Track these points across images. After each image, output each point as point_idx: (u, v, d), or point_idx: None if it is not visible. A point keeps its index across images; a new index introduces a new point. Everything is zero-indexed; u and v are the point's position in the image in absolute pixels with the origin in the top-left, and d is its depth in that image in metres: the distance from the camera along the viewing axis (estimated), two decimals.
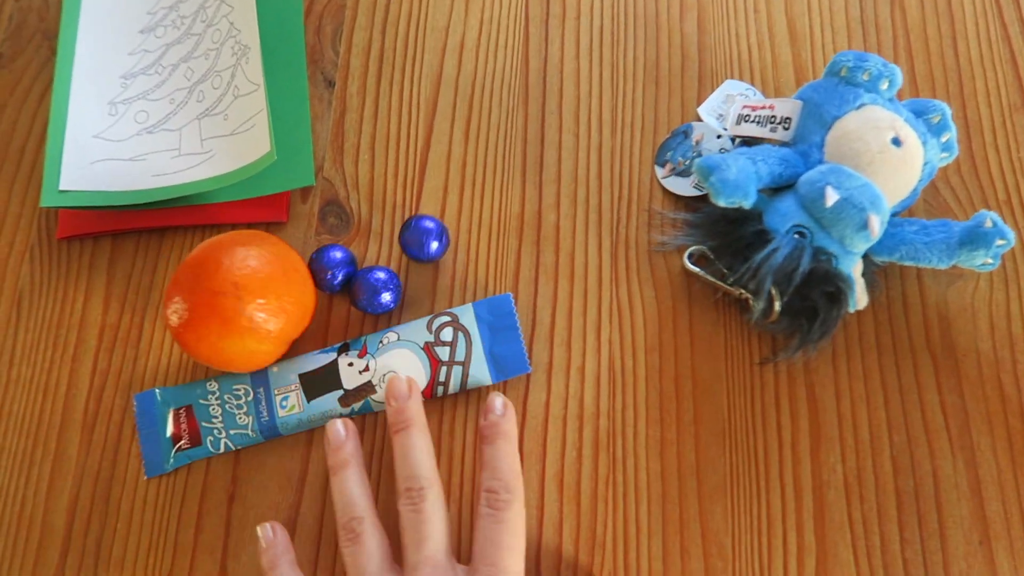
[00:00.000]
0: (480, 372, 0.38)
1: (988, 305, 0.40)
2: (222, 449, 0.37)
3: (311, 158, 0.43)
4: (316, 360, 0.38)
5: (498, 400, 0.36)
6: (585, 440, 0.38)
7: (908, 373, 0.38)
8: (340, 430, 0.36)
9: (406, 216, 0.42)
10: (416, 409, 0.36)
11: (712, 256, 0.39)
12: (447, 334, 0.38)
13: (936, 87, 0.44)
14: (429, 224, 0.39)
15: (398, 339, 0.38)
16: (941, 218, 0.40)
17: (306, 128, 0.43)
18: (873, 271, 0.38)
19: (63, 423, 0.39)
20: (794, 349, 0.37)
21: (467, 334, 0.38)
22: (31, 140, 0.45)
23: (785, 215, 0.36)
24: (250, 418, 0.37)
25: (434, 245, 0.39)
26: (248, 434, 0.37)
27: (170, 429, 0.38)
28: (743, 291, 0.37)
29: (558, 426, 0.38)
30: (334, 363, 0.38)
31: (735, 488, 0.37)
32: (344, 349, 0.38)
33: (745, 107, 0.40)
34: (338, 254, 0.39)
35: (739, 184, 0.34)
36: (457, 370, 0.38)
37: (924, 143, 0.37)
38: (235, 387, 0.38)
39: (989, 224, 0.35)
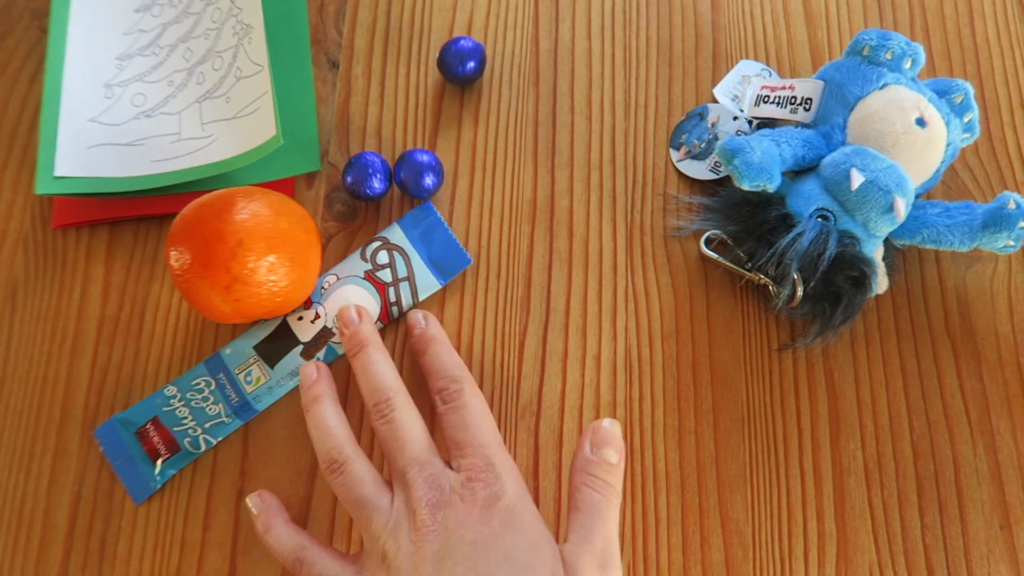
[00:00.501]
0: (426, 280, 0.39)
1: (1007, 287, 0.39)
2: (203, 447, 0.36)
3: (316, 143, 0.41)
4: (265, 327, 0.38)
5: (417, 315, 0.37)
6: None
7: (927, 358, 0.38)
8: (311, 371, 0.35)
9: (417, 202, 0.41)
10: (369, 330, 0.36)
11: (731, 241, 0.38)
12: (383, 257, 0.39)
13: (953, 67, 0.43)
14: (423, 158, 0.39)
15: (337, 279, 0.39)
16: (961, 200, 0.40)
17: (311, 111, 0.42)
18: (893, 255, 0.38)
19: (63, 418, 0.38)
20: (815, 335, 0.36)
21: (401, 251, 0.39)
22: (22, 124, 0.43)
23: (809, 198, 0.35)
24: (220, 405, 0.37)
25: (429, 180, 0.39)
26: (224, 421, 0.37)
27: (143, 448, 0.37)
28: (763, 276, 0.36)
29: (574, 416, 0.37)
30: (283, 323, 0.38)
31: (754, 476, 0.36)
32: None
33: (764, 87, 0.39)
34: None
35: (764, 167, 0.33)
36: (404, 286, 0.38)
37: (948, 123, 0.36)
38: (194, 383, 0.37)
39: (1012, 205, 0.35)
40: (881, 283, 0.37)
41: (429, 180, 0.39)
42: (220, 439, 0.37)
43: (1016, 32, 0.44)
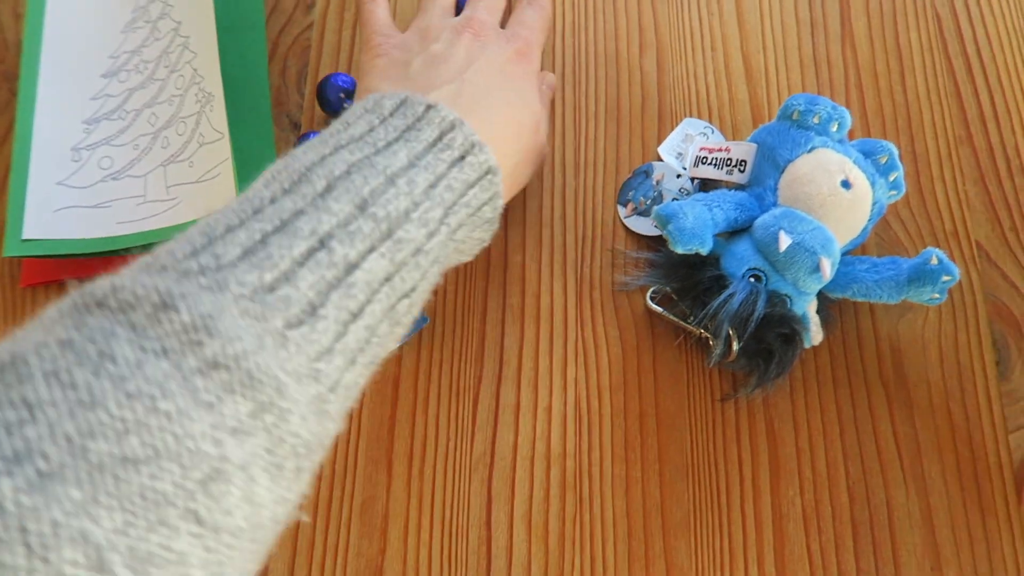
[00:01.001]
0: None
1: (938, 336, 0.41)
2: None
3: None
4: None
5: None
6: (553, 480, 0.39)
7: (863, 405, 0.40)
8: None
9: None
10: None
11: (674, 296, 0.40)
12: None
13: (886, 121, 0.45)
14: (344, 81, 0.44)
15: None
16: (890, 254, 0.42)
17: None
18: (828, 307, 0.40)
19: None
20: (752, 387, 0.38)
21: None
22: None
23: (741, 259, 0.37)
24: None
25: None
26: None
27: None
28: (703, 331, 0.38)
29: (526, 467, 0.39)
30: None
31: (698, 523, 0.38)
32: None
33: (702, 149, 0.41)
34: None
35: (695, 232, 0.35)
36: None
37: (873, 183, 0.38)
38: None
39: (935, 261, 0.37)
40: (816, 335, 0.39)
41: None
42: None
43: (944, 86, 0.46)
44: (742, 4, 0.48)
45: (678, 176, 0.43)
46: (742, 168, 0.39)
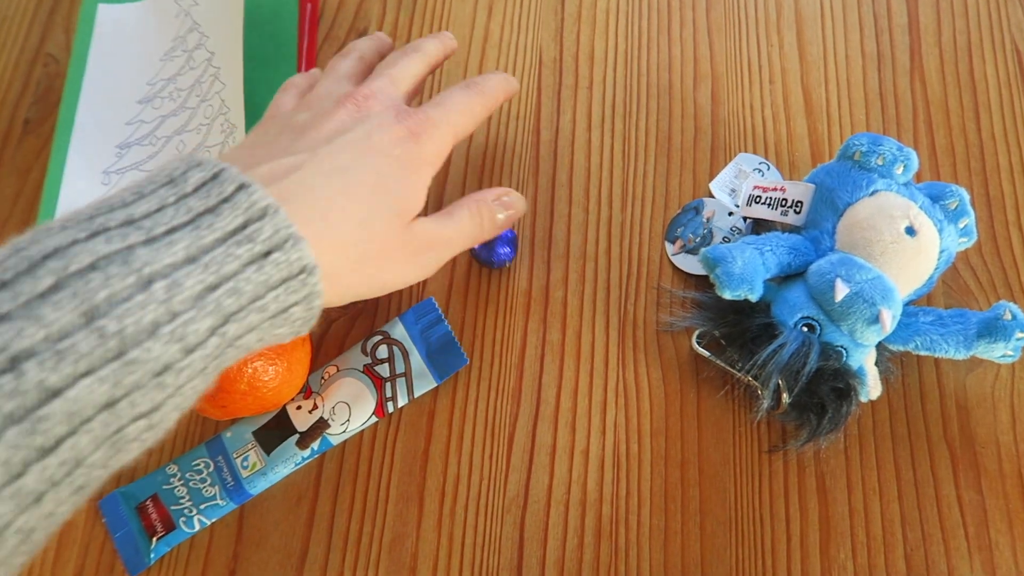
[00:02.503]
0: (423, 378, 0.40)
1: (1010, 394, 0.38)
2: (196, 527, 0.38)
3: None
4: (266, 414, 0.39)
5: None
6: (587, 527, 0.37)
7: (924, 465, 0.37)
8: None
9: (415, 290, 0.42)
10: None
11: (722, 340, 0.38)
12: (383, 352, 0.40)
13: (958, 162, 0.43)
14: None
15: (337, 371, 0.40)
16: (959, 305, 0.39)
17: None
18: (888, 358, 0.37)
19: None
20: (803, 441, 0.36)
21: (401, 347, 0.40)
22: (18, 206, 0.46)
23: (794, 306, 0.35)
24: (216, 488, 0.38)
25: (505, 249, 0.41)
26: (218, 503, 0.38)
27: (142, 523, 0.38)
28: (751, 380, 0.36)
29: (560, 511, 0.38)
30: (283, 411, 0.39)
31: None
32: None
33: (756, 187, 0.39)
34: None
35: (745, 277, 0.33)
36: (401, 382, 0.39)
37: (940, 230, 0.36)
38: (194, 463, 0.39)
39: (1008, 316, 0.34)
40: (874, 390, 0.36)
41: (504, 250, 0.40)
42: (214, 520, 0.38)
43: (1023, 125, 0.43)
44: (803, 36, 0.46)
45: (730, 214, 0.41)
46: (798, 209, 0.37)
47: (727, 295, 0.34)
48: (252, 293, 0.26)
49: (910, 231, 0.35)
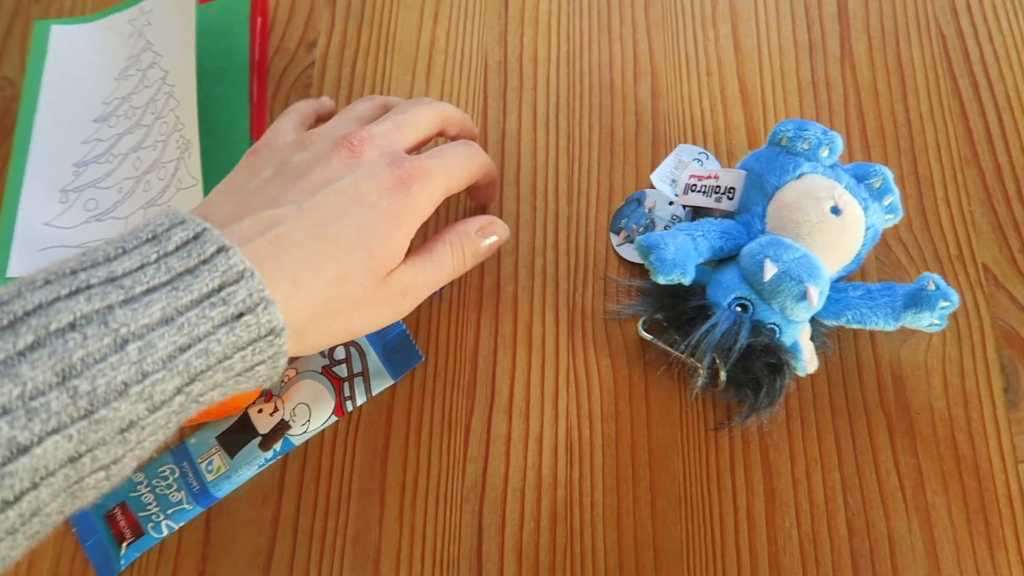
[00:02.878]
0: (380, 377, 0.41)
1: (942, 362, 0.40)
2: (165, 532, 0.39)
3: None
4: (228, 419, 0.41)
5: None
6: (543, 511, 0.39)
7: (862, 434, 0.39)
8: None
9: None
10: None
11: (664, 324, 0.39)
12: (340, 353, 0.41)
13: (887, 143, 0.44)
14: None
15: (296, 373, 0.41)
16: (892, 278, 0.41)
17: None
18: (823, 333, 0.39)
19: None
20: (744, 416, 0.37)
21: (357, 347, 0.41)
22: None
23: (727, 288, 0.36)
24: (182, 493, 0.39)
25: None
26: (185, 508, 0.39)
27: (111, 531, 0.39)
28: (690, 359, 0.38)
29: (516, 497, 0.39)
30: (245, 415, 0.41)
31: (691, 556, 0.37)
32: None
33: (692, 176, 0.41)
34: None
35: (677, 262, 0.35)
36: (358, 382, 0.41)
37: (865, 208, 0.37)
38: (160, 470, 0.40)
39: (932, 287, 0.36)
40: (810, 363, 0.38)
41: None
42: (181, 524, 0.39)
43: (948, 106, 0.45)
44: (738, 28, 0.48)
45: (670, 204, 0.43)
46: (731, 195, 0.39)
47: (661, 280, 0.35)
48: (221, 353, 0.26)
49: (835, 211, 0.36)
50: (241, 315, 0.27)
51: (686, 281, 0.36)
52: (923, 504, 0.37)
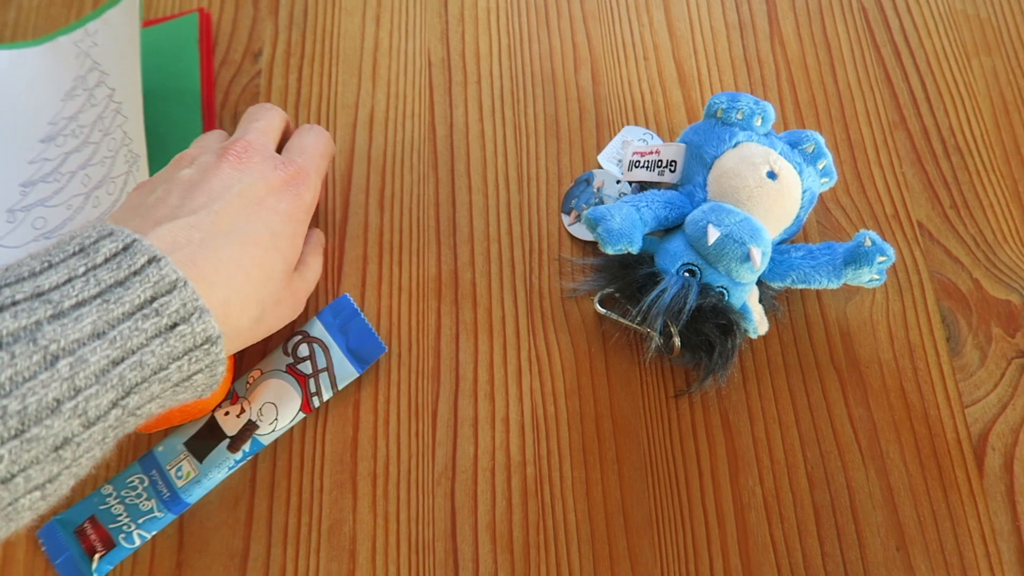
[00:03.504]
0: (344, 370, 0.41)
1: (886, 316, 0.41)
2: (137, 542, 0.39)
3: None
4: (195, 424, 0.41)
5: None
6: (514, 489, 0.39)
7: (816, 390, 0.40)
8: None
9: (331, 289, 0.44)
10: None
11: (619, 297, 0.41)
12: (303, 350, 0.41)
13: (819, 113, 0.46)
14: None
15: (261, 374, 0.41)
16: (831, 239, 0.42)
17: None
18: (772, 296, 0.40)
19: None
20: (701, 380, 0.38)
21: (321, 343, 0.42)
22: None
23: (675, 255, 0.38)
24: (152, 501, 0.39)
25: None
26: (156, 516, 0.39)
27: (81, 546, 0.39)
28: (646, 326, 0.39)
29: (487, 477, 0.39)
30: (211, 419, 0.41)
31: (660, 520, 0.38)
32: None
33: (635, 153, 0.42)
34: None
35: (623, 232, 0.36)
36: (324, 377, 0.41)
37: (800, 172, 0.39)
38: (129, 480, 0.40)
39: (868, 243, 0.37)
40: (761, 325, 0.39)
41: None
42: (154, 533, 0.39)
43: (874, 75, 0.47)
44: (671, 13, 0.49)
45: (617, 182, 0.44)
46: (672, 168, 0.40)
47: (609, 250, 0.36)
48: (156, 365, 0.26)
49: (771, 175, 0.38)
50: (175, 325, 0.26)
51: (634, 250, 0.37)
52: (878, 453, 0.39)
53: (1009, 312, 0.41)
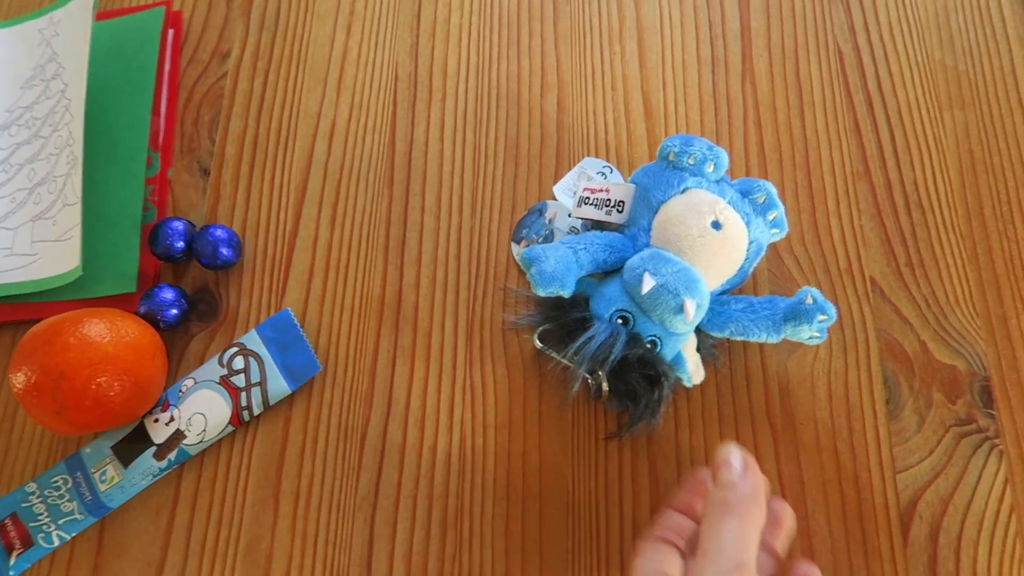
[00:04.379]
0: (278, 386, 0.41)
1: (827, 373, 0.41)
2: (56, 542, 0.39)
3: (135, 267, 0.44)
4: (124, 427, 0.41)
5: (734, 458, 0.30)
6: (434, 520, 0.39)
7: (748, 443, 0.40)
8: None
9: (273, 301, 0.44)
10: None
11: (554, 334, 0.40)
12: (239, 363, 0.41)
13: (783, 157, 0.45)
14: (220, 233, 0.43)
15: (195, 383, 0.41)
16: (783, 290, 0.42)
17: (134, 237, 0.44)
18: (711, 344, 0.40)
19: None
20: (628, 427, 0.38)
21: (257, 357, 0.41)
22: None
23: (610, 300, 0.37)
24: (74, 503, 0.39)
25: (225, 251, 0.43)
26: (77, 518, 0.39)
27: (1, 542, 0.39)
28: (577, 373, 0.38)
29: (408, 506, 0.39)
30: (140, 424, 0.41)
31: (576, 563, 0.38)
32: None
33: (586, 189, 0.41)
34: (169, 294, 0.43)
35: (556, 275, 0.36)
36: (256, 391, 0.41)
37: (748, 223, 0.38)
38: (53, 480, 0.40)
39: (810, 300, 0.37)
40: (696, 374, 0.39)
41: (225, 251, 0.43)
42: (73, 535, 0.39)
43: (843, 122, 0.46)
44: (644, 43, 0.49)
45: (570, 215, 0.44)
46: (620, 209, 0.40)
47: (540, 292, 0.36)
48: None
49: (716, 225, 0.37)
50: None
51: (565, 294, 0.36)
52: (803, 512, 0.38)
53: (953, 378, 0.40)
